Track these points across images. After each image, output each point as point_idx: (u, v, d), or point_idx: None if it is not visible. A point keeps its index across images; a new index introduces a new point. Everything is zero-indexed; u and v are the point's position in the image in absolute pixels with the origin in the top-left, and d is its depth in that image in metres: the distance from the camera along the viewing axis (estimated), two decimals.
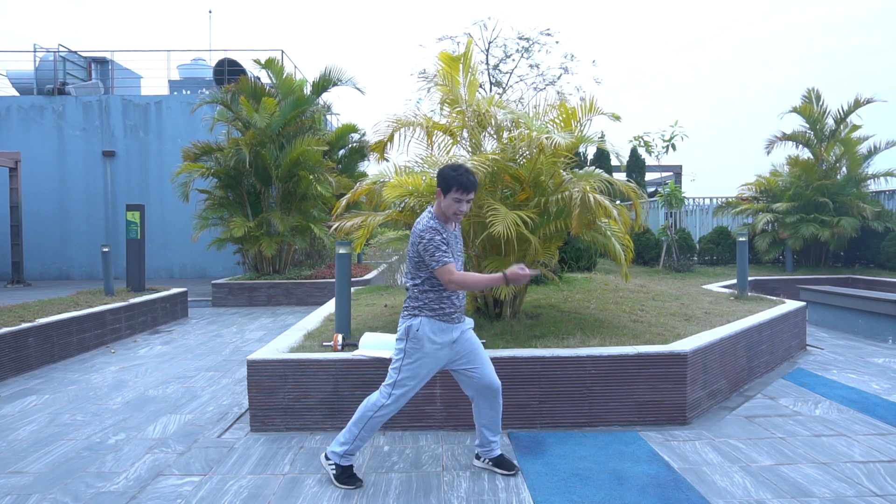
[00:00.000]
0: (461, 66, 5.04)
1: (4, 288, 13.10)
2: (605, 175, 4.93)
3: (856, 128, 11.73)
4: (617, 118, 4.68)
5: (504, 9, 43.73)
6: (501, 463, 3.33)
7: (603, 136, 5.21)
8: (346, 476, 3.17)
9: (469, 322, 3.28)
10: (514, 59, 19.65)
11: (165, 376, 5.55)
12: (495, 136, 4.94)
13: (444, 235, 3.05)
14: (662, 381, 4.00)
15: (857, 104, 11.54)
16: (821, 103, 12.09)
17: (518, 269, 2.92)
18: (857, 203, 11.37)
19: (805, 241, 11.36)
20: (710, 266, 12.63)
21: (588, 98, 4.74)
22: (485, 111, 4.70)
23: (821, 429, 3.93)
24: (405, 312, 3.14)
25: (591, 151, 19.15)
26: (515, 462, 3.41)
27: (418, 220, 3.12)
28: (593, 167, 5.16)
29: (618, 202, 4.66)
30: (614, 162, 19.52)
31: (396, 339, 3.16)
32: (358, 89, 12.01)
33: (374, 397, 3.16)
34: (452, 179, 3.04)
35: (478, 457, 3.39)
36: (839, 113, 11.81)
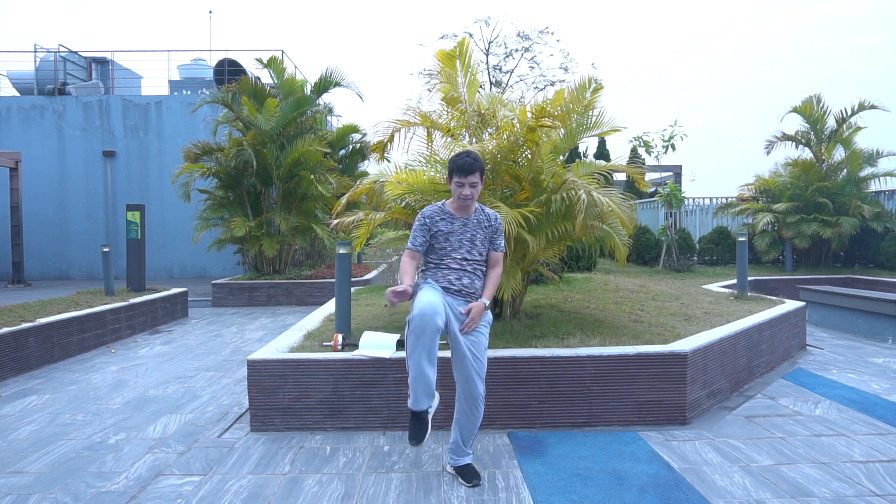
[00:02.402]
0: (458, 62, 5.03)
1: (5, 288, 13.11)
2: (604, 163, 4.92)
3: (858, 129, 11.73)
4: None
5: (504, 8, 43.73)
6: (464, 473, 3.15)
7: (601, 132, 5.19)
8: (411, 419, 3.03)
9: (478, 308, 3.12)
10: (514, 58, 19.70)
11: (165, 376, 5.55)
12: (496, 137, 4.94)
13: (430, 221, 3.16)
14: (662, 380, 4.00)
15: (862, 107, 11.56)
16: (821, 105, 12.12)
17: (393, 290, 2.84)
18: (856, 203, 11.39)
19: (810, 239, 11.36)
20: (709, 266, 12.63)
21: (587, 78, 4.68)
22: (486, 110, 4.70)
23: (821, 429, 3.93)
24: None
25: (590, 151, 19.16)
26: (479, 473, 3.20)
27: None
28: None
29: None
30: (616, 156, 19.54)
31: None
32: (358, 95, 12.02)
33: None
34: (451, 163, 3.11)
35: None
36: (841, 114, 11.82)
